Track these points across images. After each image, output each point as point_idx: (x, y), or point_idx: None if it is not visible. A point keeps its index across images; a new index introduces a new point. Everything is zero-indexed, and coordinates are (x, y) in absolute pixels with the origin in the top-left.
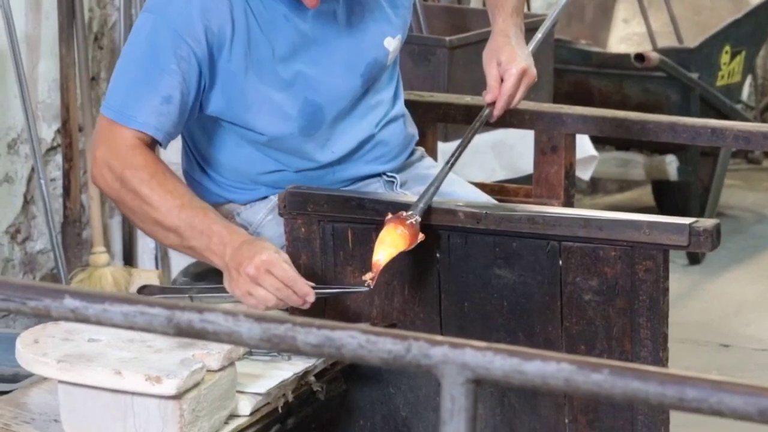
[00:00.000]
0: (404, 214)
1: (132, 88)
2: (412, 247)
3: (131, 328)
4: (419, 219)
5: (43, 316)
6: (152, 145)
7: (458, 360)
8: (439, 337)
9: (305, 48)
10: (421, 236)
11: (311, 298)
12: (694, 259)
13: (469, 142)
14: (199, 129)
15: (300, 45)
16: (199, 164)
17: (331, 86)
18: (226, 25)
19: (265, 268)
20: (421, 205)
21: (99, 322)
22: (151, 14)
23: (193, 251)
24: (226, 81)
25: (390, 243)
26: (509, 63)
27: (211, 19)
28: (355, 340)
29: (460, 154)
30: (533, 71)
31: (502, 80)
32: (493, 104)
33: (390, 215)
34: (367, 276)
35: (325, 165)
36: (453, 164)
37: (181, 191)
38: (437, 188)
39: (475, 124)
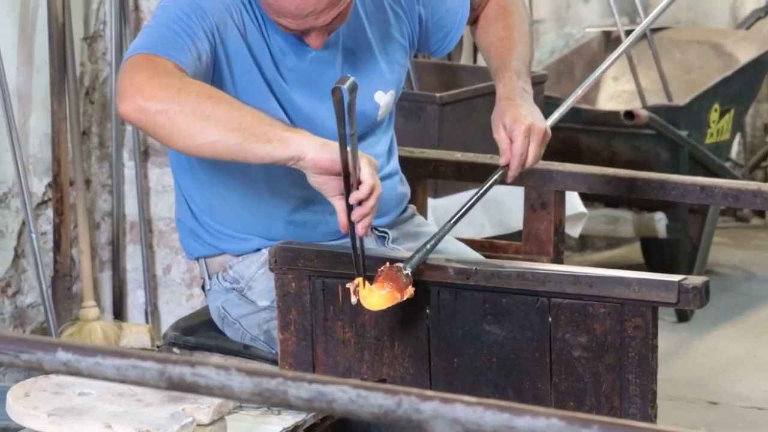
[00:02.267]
0: (399, 265)
1: (169, 38)
2: (402, 300)
3: (123, 381)
4: (411, 273)
5: (35, 369)
6: None
7: (449, 415)
8: (429, 392)
9: (300, 87)
10: (411, 290)
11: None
12: (683, 316)
13: (476, 202)
14: (191, 175)
15: (295, 83)
16: (192, 212)
17: (316, 131)
18: (240, 36)
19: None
20: (416, 259)
21: (91, 375)
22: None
23: (270, 134)
24: (232, 82)
25: (379, 298)
26: (513, 123)
27: (231, 18)
28: (346, 395)
29: (464, 214)
30: (540, 126)
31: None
32: (507, 167)
33: (385, 266)
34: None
35: (316, 211)
36: (454, 224)
37: (225, 96)
38: (434, 246)
39: (486, 185)
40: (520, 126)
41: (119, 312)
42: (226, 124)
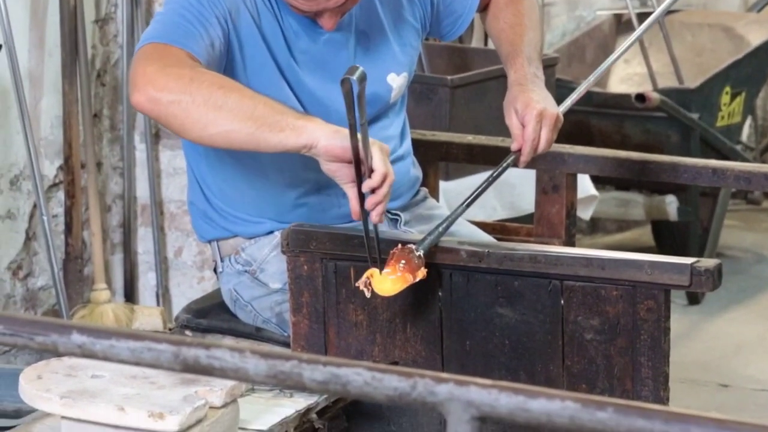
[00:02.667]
0: (411, 247)
1: (182, 27)
2: (415, 282)
3: (138, 363)
4: (423, 254)
5: (50, 352)
6: None
7: (463, 397)
8: (444, 375)
9: (313, 69)
10: (423, 271)
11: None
12: (694, 299)
13: (488, 186)
14: (205, 160)
15: (309, 65)
16: (205, 195)
17: (330, 111)
18: (253, 21)
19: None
20: (428, 241)
21: (106, 358)
22: None
23: (284, 122)
24: (243, 67)
25: (392, 284)
26: (525, 109)
27: (243, 3)
28: (361, 377)
29: (475, 198)
30: (552, 111)
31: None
32: (519, 151)
33: (397, 248)
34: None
35: (330, 194)
36: (466, 207)
37: (236, 85)
38: (446, 228)
39: (498, 169)
40: (532, 111)
41: (130, 295)
42: (239, 114)
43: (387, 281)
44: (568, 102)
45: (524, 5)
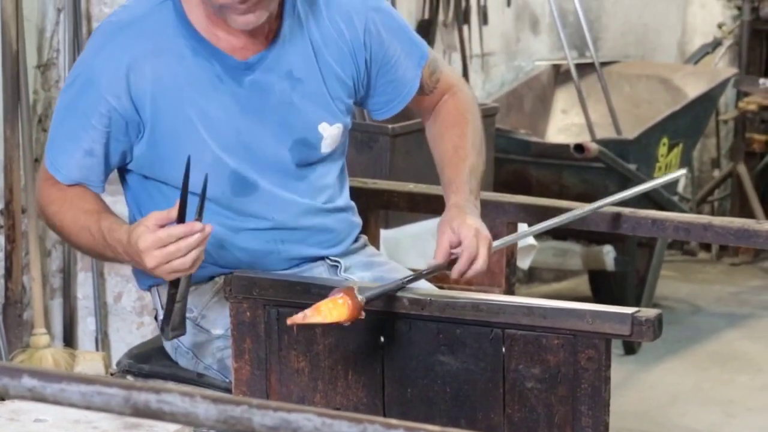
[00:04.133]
0: (355, 290)
1: (60, 140)
2: (347, 323)
3: (88, 407)
4: (364, 301)
5: (0, 395)
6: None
7: None
8: (394, 421)
9: (238, 113)
10: (362, 314)
11: (198, 226)
12: (630, 349)
13: (400, 288)
14: (143, 206)
15: (233, 109)
16: None
17: (260, 155)
18: (149, 84)
19: (151, 257)
20: (372, 292)
21: (56, 402)
22: (78, 68)
23: (115, 261)
24: (154, 138)
25: (327, 309)
26: (461, 226)
27: (133, 77)
28: (311, 423)
29: (397, 289)
30: (487, 234)
31: (451, 247)
32: (445, 264)
33: (340, 287)
34: (295, 318)
35: (269, 240)
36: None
37: (83, 213)
38: (388, 290)
39: (409, 278)
40: (469, 228)
41: (70, 339)
42: (79, 247)
43: (328, 306)
44: (502, 241)
45: (470, 128)
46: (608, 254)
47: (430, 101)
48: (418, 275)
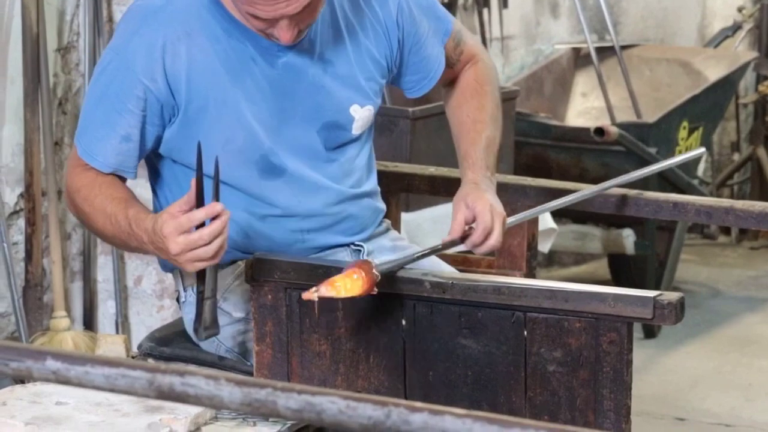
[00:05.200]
0: (372, 264)
1: (94, 127)
2: (361, 296)
3: (113, 390)
4: (379, 276)
5: (24, 377)
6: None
7: (438, 427)
8: (419, 404)
9: (271, 94)
10: (375, 289)
11: (219, 207)
12: (650, 332)
13: (417, 260)
14: (168, 190)
15: (266, 90)
16: None
17: (291, 138)
18: (184, 67)
19: (175, 243)
20: (387, 266)
21: (81, 384)
22: (111, 53)
23: (139, 251)
24: (187, 120)
25: (342, 284)
26: (477, 201)
27: (168, 59)
28: (335, 406)
29: (411, 262)
30: (502, 211)
31: (466, 223)
32: (449, 243)
33: (357, 260)
34: (309, 292)
35: (294, 230)
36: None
37: (112, 201)
38: (404, 264)
39: (420, 253)
40: (484, 204)
41: (90, 322)
42: (103, 238)
43: (342, 281)
44: (517, 218)
45: (488, 100)
46: (628, 238)
47: (453, 73)
48: (432, 250)
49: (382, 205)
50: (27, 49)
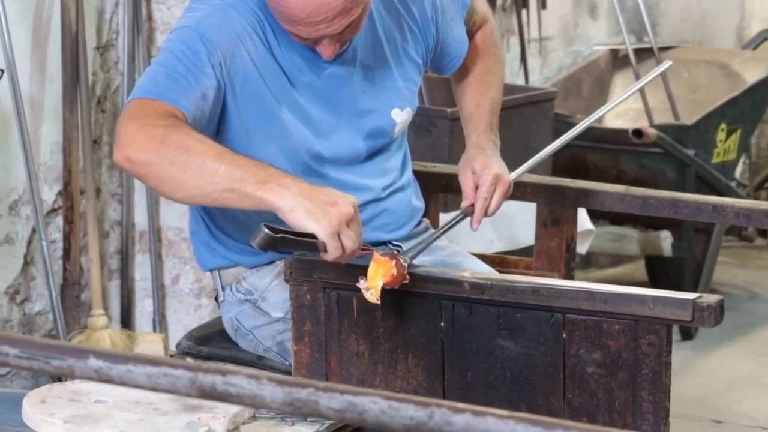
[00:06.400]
0: (397, 253)
1: (173, 78)
2: (395, 286)
3: (154, 389)
4: (407, 263)
5: (66, 376)
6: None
7: (480, 428)
8: (461, 405)
9: (317, 103)
10: (406, 279)
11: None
12: (687, 335)
13: (437, 238)
14: None
15: (312, 99)
16: (206, 225)
17: (334, 145)
18: (243, 67)
19: (355, 213)
20: (412, 252)
21: (122, 383)
22: (184, 28)
23: (243, 190)
24: (233, 118)
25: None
26: (483, 169)
27: (237, 51)
28: (378, 406)
29: (424, 248)
30: (507, 178)
31: (477, 188)
32: (470, 207)
33: (385, 250)
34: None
35: None
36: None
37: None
38: (430, 243)
39: (449, 224)
40: (489, 173)
41: (127, 321)
42: (200, 179)
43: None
44: (521, 170)
45: (494, 61)
46: (665, 240)
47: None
48: (450, 224)
49: (420, 204)
50: (66, 47)
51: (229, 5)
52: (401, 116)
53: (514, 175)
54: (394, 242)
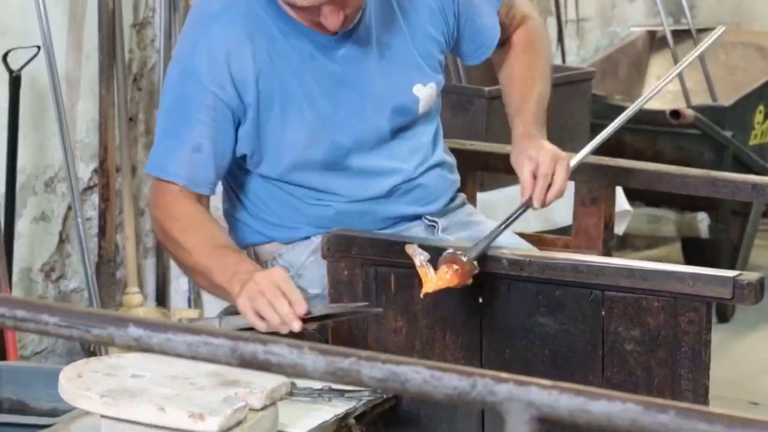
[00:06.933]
0: (459, 253)
1: (164, 140)
2: (460, 286)
3: (194, 358)
4: (474, 262)
5: (106, 344)
6: (195, 196)
7: (524, 397)
8: (504, 375)
9: (334, 89)
10: (469, 280)
11: (295, 325)
12: (723, 316)
13: (499, 234)
14: (237, 167)
15: (329, 86)
16: (241, 203)
17: (357, 128)
18: (251, 69)
19: (269, 275)
20: (476, 251)
21: (162, 352)
22: (177, 65)
23: (220, 289)
24: (254, 122)
25: (441, 277)
26: (539, 151)
27: (234, 64)
28: (420, 376)
29: (498, 235)
30: (565, 156)
31: (534, 177)
32: (529, 200)
33: (448, 252)
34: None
35: (364, 201)
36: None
37: (215, 236)
38: (491, 241)
39: (510, 218)
40: (546, 153)
41: (162, 299)
42: (197, 277)
43: (439, 276)
44: (580, 156)
45: (539, 56)
46: (702, 222)
47: (506, 36)
48: (511, 218)
49: (455, 177)
50: (102, 24)
51: (219, 15)
52: (424, 92)
53: (574, 161)
54: (429, 216)
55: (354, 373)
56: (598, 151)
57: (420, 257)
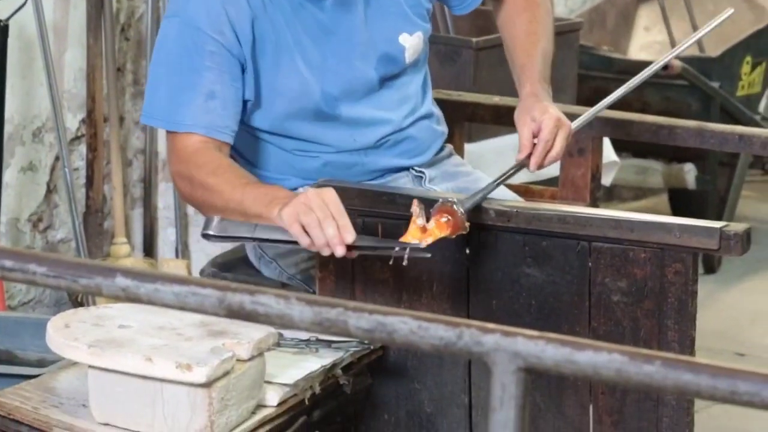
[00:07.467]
0: (454, 204)
1: (173, 94)
2: (454, 236)
3: (182, 308)
4: (466, 224)
5: (93, 294)
6: (216, 144)
7: (510, 348)
8: (490, 325)
9: (323, 37)
10: (465, 229)
11: (339, 250)
12: (710, 268)
13: (491, 191)
14: (245, 146)
15: (317, 34)
16: (231, 158)
17: (346, 78)
18: (247, 14)
19: (320, 194)
20: (471, 203)
21: (150, 302)
22: (173, 18)
23: (256, 218)
24: (252, 67)
25: (437, 229)
26: (543, 115)
27: (231, 10)
28: (407, 326)
29: (492, 190)
30: (568, 122)
31: (534, 137)
32: (525, 159)
33: (440, 201)
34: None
35: (352, 152)
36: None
37: (244, 174)
38: (485, 196)
39: (503, 176)
40: (550, 117)
41: (150, 249)
42: (231, 206)
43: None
44: (580, 121)
45: (541, 12)
46: (689, 173)
47: None
48: (508, 173)
49: (443, 129)
50: None
51: None
52: (410, 41)
53: (575, 124)
54: (417, 167)
55: (341, 324)
56: (585, 102)
57: (422, 219)
